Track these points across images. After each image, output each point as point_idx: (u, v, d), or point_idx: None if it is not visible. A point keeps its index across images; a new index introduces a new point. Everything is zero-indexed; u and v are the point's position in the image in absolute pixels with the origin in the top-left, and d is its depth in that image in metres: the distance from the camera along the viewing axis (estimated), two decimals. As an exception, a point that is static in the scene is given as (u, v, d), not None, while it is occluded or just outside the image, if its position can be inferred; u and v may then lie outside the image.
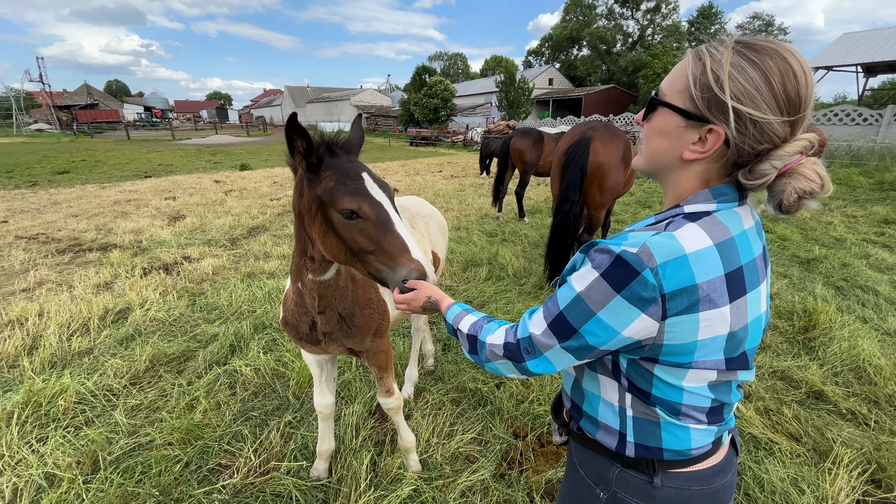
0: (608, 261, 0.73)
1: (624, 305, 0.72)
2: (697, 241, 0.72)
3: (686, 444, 0.83)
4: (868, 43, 19.83)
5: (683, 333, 0.73)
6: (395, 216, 1.21)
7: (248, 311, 3.88)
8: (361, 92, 57.35)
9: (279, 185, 11.66)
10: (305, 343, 1.74)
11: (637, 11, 44.48)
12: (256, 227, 7.08)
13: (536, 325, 0.84)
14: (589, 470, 0.94)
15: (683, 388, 0.80)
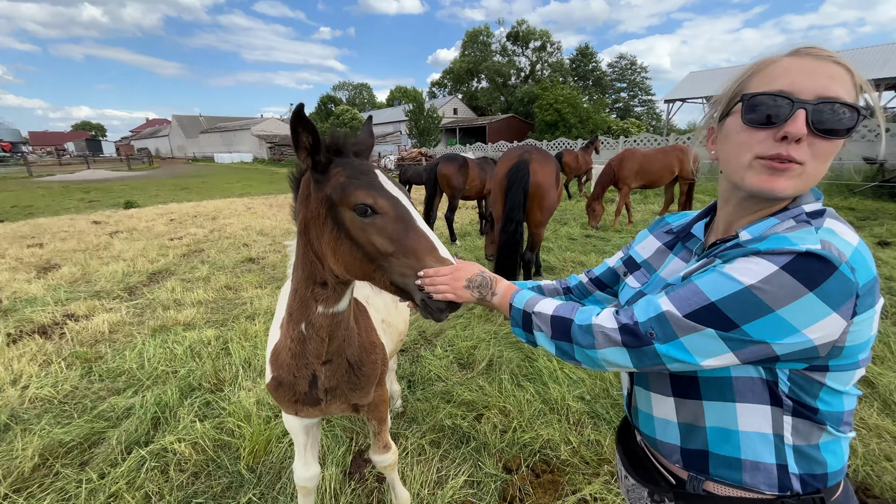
0: (789, 256, 0.65)
1: (814, 302, 0.63)
2: (851, 235, 0.68)
3: (842, 460, 0.76)
4: (709, 80, 24.19)
5: (863, 331, 0.68)
6: (416, 213, 1.09)
7: (168, 372, 3.26)
8: (263, 121, 54.56)
9: (178, 223, 10.38)
10: (302, 405, 1.45)
11: (527, 49, 49.27)
12: (159, 272, 6.14)
13: (664, 305, 0.73)
14: None
15: (845, 393, 0.73)
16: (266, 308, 4.53)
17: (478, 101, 50.86)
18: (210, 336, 3.80)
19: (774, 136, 0.71)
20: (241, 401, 2.76)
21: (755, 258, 0.68)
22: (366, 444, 2.50)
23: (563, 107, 32.46)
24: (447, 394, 2.93)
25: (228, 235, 8.67)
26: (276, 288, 5.31)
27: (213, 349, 3.58)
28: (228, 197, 16.27)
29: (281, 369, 1.42)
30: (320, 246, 1.14)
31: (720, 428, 0.78)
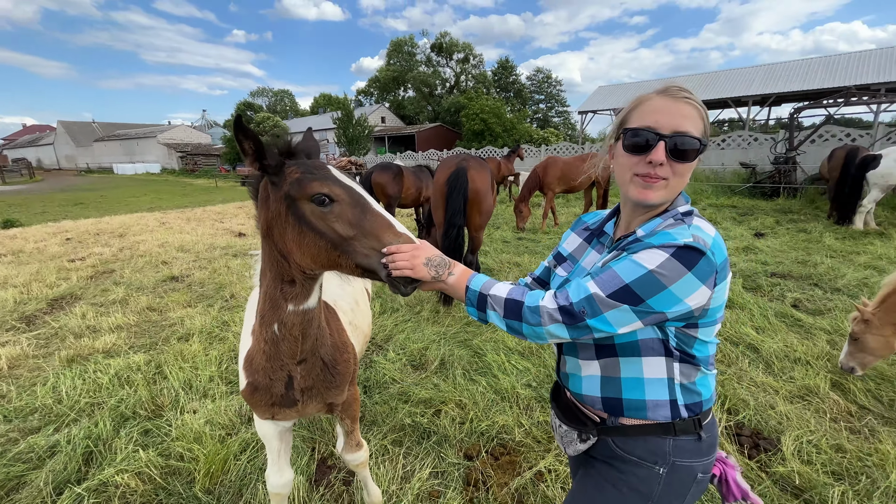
0: (678, 249, 0.89)
1: (691, 281, 0.88)
2: (710, 229, 0.97)
3: (710, 390, 1.05)
4: (615, 93, 26.75)
5: (720, 297, 0.96)
6: (370, 197, 1.17)
7: (94, 404, 2.96)
8: (171, 128, 50.02)
9: (77, 242, 9.23)
10: (279, 407, 1.46)
11: (451, 60, 50.71)
12: (62, 298, 5.46)
13: (591, 290, 0.93)
14: (642, 454, 1.03)
15: (710, 341, 1.02)
16: (200, 327, 4.26)
17: (405, 109, 51.20)
18: (139, 361, 3.50)
19: (645, 160, 0.98)
20: (188, 423, 2.61)
21: (653, 250, 0.91)
22: (328, 451, 2.50)
23: (489, 117, 33.86)
24: (404, 394, 3.01)
25: (143, 253, 7.90)
26: (208, 306, 4.99)
27: (145, 375, 3.31)
28: (136, 212, 14.75)
29: (256, 374, 1.43)
30: (285, 244, 1.19)
31: (632, 378, 1.04)
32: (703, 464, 1.03)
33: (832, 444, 2.38)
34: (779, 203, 10.68)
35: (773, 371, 3.18)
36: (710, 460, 1.04)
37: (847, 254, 6.21)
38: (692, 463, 1.02)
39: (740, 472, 1.10)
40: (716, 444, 1.07)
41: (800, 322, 3.96)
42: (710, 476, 1.06)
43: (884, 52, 19.71)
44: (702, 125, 0.97)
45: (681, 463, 1.01)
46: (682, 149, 0.96)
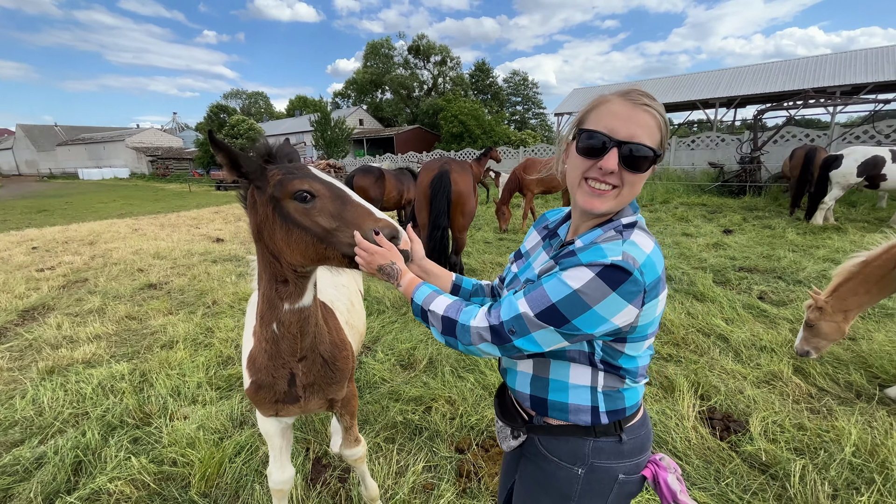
0: (603, 268, 0.87)
1: (616, 302, 0.88)
2: (648, 244, 0.93)
3: (636, 398, 1.07)
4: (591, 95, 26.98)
5: (650, 314, 0.96)
6: (349, 190, 1.23)
7: (78, 414, 2.92)
8: (140, 131, 48.39)
9: (45, 251, 8.89)
10: (283, 404, 1.52)
11: (428, 63, 50.85)
12: (33, 308, 5.29)
13: (521, 309, 0.94)
14: (563, 454, 1.06)
15: (639, 355, 1.03)
16: (184, 334, 4.21)
17: (383, 112, 51.05)
18: (122, 370, 3.45)
19: (596, 165, 0.95)
20: (180, 429, 2.61)
21: (581, 268, 0.89)
22: (322, 451, 2.55)
23: (468, 119, 34.11)
24: (394, 393, 3.08)
25: (117, 261, 7.69)
26: (190, 313, 4.93)
27: (130, 384, 3.27)
28: (105, 218, 14.25)
29: (259, 372, 1.48)
30: (275, 244, 1.25)
31: (558, 380, 1.06)
32: (626, 465, 1.04)
33: (794, 423, 2.58)
34: (745, 201, 11.19)
35: (742, 359, 3.39)
36: (634, 462, 1.05)
37: (808, 248, 6.60)
38: (612, 464, 1.03)
39: (676, 473, 1.06)
40: (643, 447, 1.08)
41: (765, 313, 4.21)
42: (638, 477, 1.07)
43: (839, 57, 20.88)
44: (658, 135, 0.94)
45: (599, 464, 1.03)
46: (635, 157, 0.93)
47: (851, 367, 3.16)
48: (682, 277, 5.40)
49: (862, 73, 18.42)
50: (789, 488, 2.10)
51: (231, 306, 5.07)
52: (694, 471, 2.27)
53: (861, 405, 2.76)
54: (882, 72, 17.90)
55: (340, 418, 1.82)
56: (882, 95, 17.56)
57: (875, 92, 18.46)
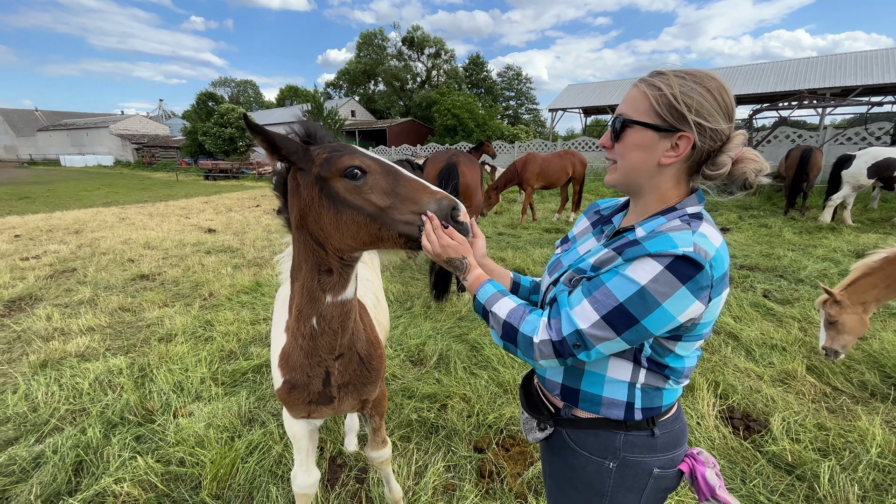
0: (672, 259, 0.83)
1: (686, 296, 0.83)
2: (717, 237, 0.88)
3: (674, 396, 1.04)
4: (585, 92, 27.39)
5: (713, 312, 0.91)
6: (398, 167, 1.16)
7: (75, 411, 2.77)
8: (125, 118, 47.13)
9: (28, 239, 8.57)
10: (316, 405, 1.42)
11: (422, 55, 50.32)
12: (20, 299, 5.07)
13: (584, 319, 0.87)
14: (593, 448, 1.02)
15: (687, 355, 0.98)
16: (182, 327, 4.06)
17: (376, 103, 50.41)
18: (120, 364, 3.31)
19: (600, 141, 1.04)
20: (186, 427, 2.50)
21: (647, 259, 0.84)
22: (336, 450, 2.46)
23: (461, 112, 33.89)
24: (407, 390, 3.00)
25: (105, 251, 7.44)
26: (186, 305, 4.77)
27: (129, 378, 3.13)
28: (90, 206, 13.83)
29: (294, 371, 1.38)
30: (321, 229, 1.16)
31: (595, 372, 1.01)
32: (660, 459, 1.01)
33: (815, 423, 2.57)
34: (740, 200, 11.30)
35: (754, 357, 3.38)
36: (669, 456, 1.01)
37: (805, 247, 6.66)
38: (644, 458, 1.00)
39: (714, 468, 1.03)
40: (677, 441, 1.04)
41: (772, 311, 4.22)
42: (674, 472, 1.03)
43: (828, 59, 21.18)
44: (647, 104, 0.91)
45: (631, 458, 1.00)
46: (615, 129, 0.96)
47: (864, 365, 3.17)
48: (685, 275, 5.39)
49: (852, 75, 18.70)
50: (818, 490, 2.08)
51: (229, 299, 4.92)
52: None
53: (876, 404, 2.77)
54: (871, 75, 18.19)
55: (370, 419, 1.74)
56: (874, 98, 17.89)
57: (864, 94, 18.78)
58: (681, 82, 0.88)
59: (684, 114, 0.87)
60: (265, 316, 4.37)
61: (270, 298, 4.84)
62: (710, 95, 0.87)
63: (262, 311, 4.48)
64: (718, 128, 0.88)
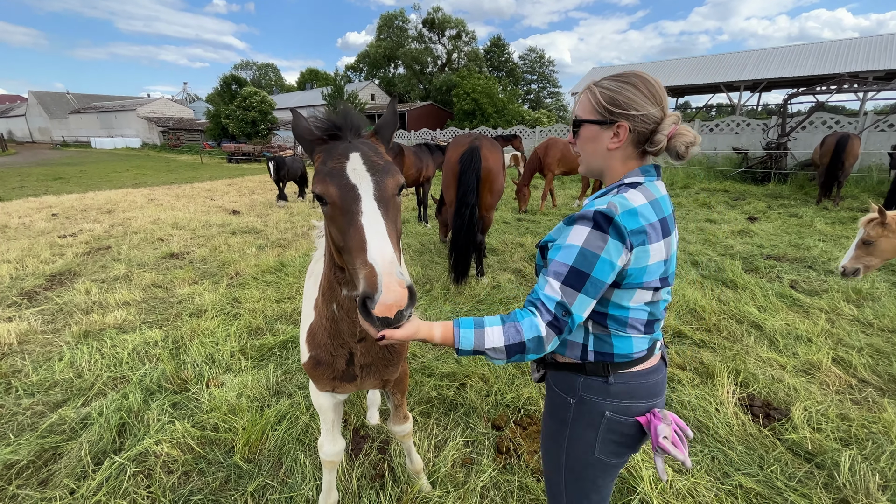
0: (592, 218, 1.02)
1: (614, 244, 1.00)
2: (638, 199, 1.05)
3: (629, 349, 1.13)
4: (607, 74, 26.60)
5: (639, 259, 1.04)
6: (369, 203, 1.02)
7: (117, 378, 2.96)
8: (151, 101, 48.12)
9: (64, 218, 8.96)
10: (339, 382, 1.49)
11: (443, 37, 49.51)
12: (60, 274, 5.35)
13: (553, 291, 1.02)
14: (561, 385, 1.21)
15: (630, 307, 1.10)
16: (211, 304, 4.24)
17: (396, 87, 50.05)
18: (156, 336, 3.49)
19: None
20: (219, 396, 2.64)
21: (577, 224, 1.04)
22: (360, 422, 2.57)
23: (480, 97, 33.39)
24: (427, 368, 3.08)
25: (136, 230, 7.74)
26: (214, 283, 4.95)
27: (164, 350, 3.30)
28: (120, 187, 14.31)
29: (319, 349, 1.45)
30: (328, 231, 1.17)
31: None
32: (613, 405, 1.14)
33: (838, 413, 2.54)
34: (769, 188, 10.92)
35: (778, 347, 3.33)
36: (622, 404, 1.14)
37: (837, 238, 6.43)
38: (598, 400, 1.15)
39: (672, 425, 1.11)
40: (635, 395, 1.15)
41: (798, 302, 4.13)
42: (630, 420, 1.15)
43: (872, 41, 19.97)
44: (590, 106, 1.12)
45: (587, 398, 1.16)
46: (574, 129, 1.19)
47: (893, 358, 3.09)
48: (708, 263, 5.30)
49: (898, 58, 17.62)
50: (837, 478, 2.07)
51: (254, 278, 5.09)
52: (737, 456, 2.25)
53: (904, 398, 2.71)
54: (920, 57, 17.11)
55: (392, 396, 1.81)
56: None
57: (910, 78, 17.70)
58: (612, 84, 1.09)
59: (615, 109, 1.08)
60: (289, 295, 4.51)
61: (294, 279, 4.98)
62: (637, 90, 1.07)
63: (286, 291, 4.62)
64: (648, 113, 1.07)
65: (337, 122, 1.15)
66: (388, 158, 1.17)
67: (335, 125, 1.14)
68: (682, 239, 6.60)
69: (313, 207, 10.26)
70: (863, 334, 3.48)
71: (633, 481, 2.07)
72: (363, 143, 1.15)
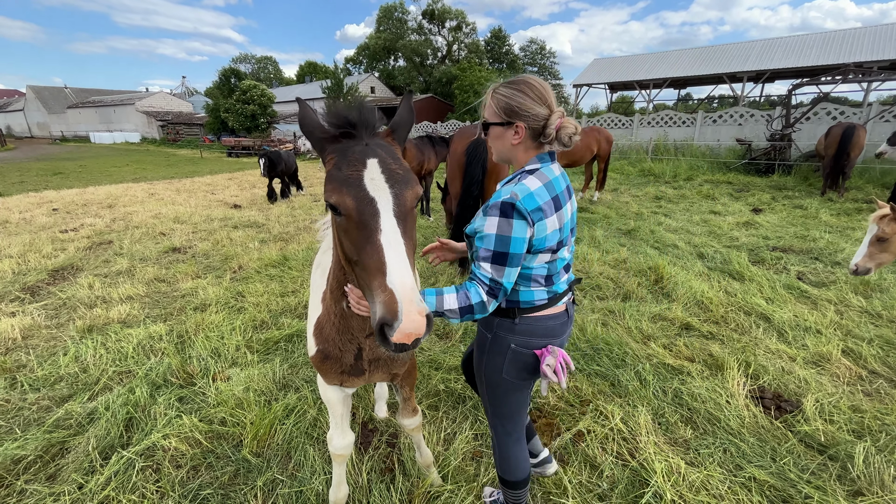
0: (499, 207, 1.25)
1: (519, 224, 1.24)
2: (534, 183, 1.29)
3: (531, 298, 1.40)
4: (611, 67, 26.38)
5: (541, 231, 1.29)
6: (388, 219, 0.99)
7: (122, 373, 2.94)
8: (150, 95, 47.83)
9: (65, 212, 8.93)
10: (348, 376, 1.47)
11: (443, 28, 49.00)
12: (62, 269, 5.32)
13: (485, 270, 1.27)
14: (483, 325, 1.52)
15: (533, 267, 1.36)
16: (215, 298, 4.21)
17: (395, 80, 49.65)
18: (160, 331, 3.47)
19: None
20: (226, 390, 2.62)
21: (489, 214, 1.27)
22: (367, 415, 2.55)
23: (483, 89, 33.15)
24: (434, 362, 3.06)
25: (138, 224, 7.71)
26: (217, 277, 4.93)
27: (168, 344, 3.28)
28: (120, 182, 14.25)
29: (326, 343, 1.43)
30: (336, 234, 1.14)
31: None
32: (517, 339, 1.42)
33: (850, 405, 2.52)
34: (773, 180, 10.85)
35: (787, 339, 3.31)
36: (524, 339, 1.41)
37: (843, 229, 6.39)
38: (506, 336, 1.43)
39: (558, 358, 1.37)
40: (535, 334, 1.42)
41: (806, 294, 4.10)
42: (530, 353, 1.42)
43: (877, 30, 19.73)
44: (493, 110, 1.35)
45: (499, 333, 1.45)
46: (484, 129, 1.40)
47: (903, 350, 3.07)
48: (714, 256, 5.27)
49: (903, 47, 17.41)
50: (851, 469, 2.06)
51: (258, 272, 5.06)
52: (749, 449, 2.23)
53: (915, 389, 2.69)
54: (925, 46, 16.91)
55: (400, 389, 1.79)
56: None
57: (916, 68, 17.50)
58: (507, 91, 1.32)
59: (512, 113, 1.31)
60: (293, 289, 4.48)
61: (298, 272, 4.96)
62: (527, 95, 1.30)
63: (290, 284, 4.60)
64: (537, 113, 1.30)
65: (351, 118, 1.06)
66: (406, 165, 1.11)
67: (349, 121, 1.06)
68: (687, 231, 6.56)
69: (314, 201, 10.20)
70: (872, 326, 3.45)
71: (647, 474, 2.05)
72: (380, 145, 1.08)
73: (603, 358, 3.06)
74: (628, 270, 4.83)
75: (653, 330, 3.49)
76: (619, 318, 3.69)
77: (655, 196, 9.64)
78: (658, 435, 2.34)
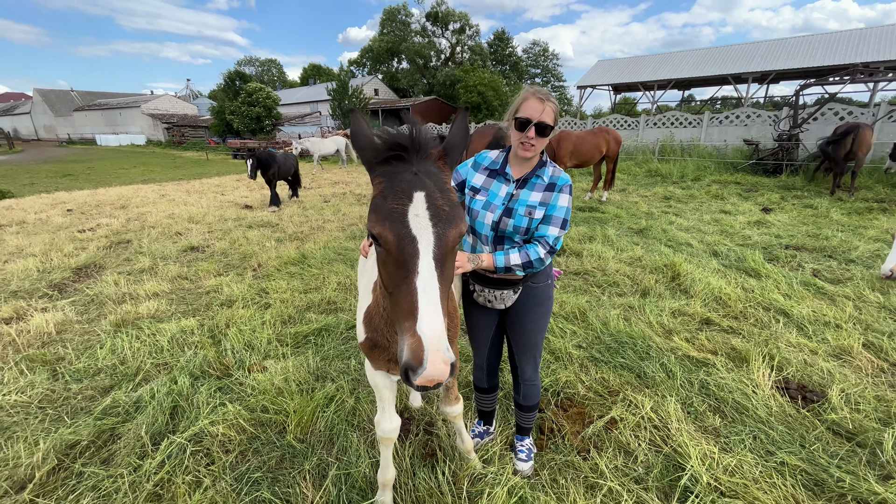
0: (570, 187, 1.73)
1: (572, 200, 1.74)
2: None
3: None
4: (615, 68, 26.45)
5: None
6: (426, 262, 0.97)
7: (160, 364, 3.02)
8: (155, 98, 48.13)
9: (80, 213, 9.04)
10: (395, 364, 1.53)
11: (446, 31, 49.23)
12: (86, 266, 5.42)
13: (556, 232, 1.68)
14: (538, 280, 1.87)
15: None
16: (240, 294, 4.29)
17: (399, 82, 49.89)
18: (192, 325, 3.55)
19: (525, 134, 1.62)
20: (266, 380, 2.70)
21: (565, 191, 1.70)
22: (402, 405, 2.62)
23: (486, 90, 33.29)
24: (463, 354, 3.12)
25: (153, 224, 7.81)
26: (238, 275, 5.01)
27: (201, 337, 3.36)
28: (129, 183, 14.39)
29: (375, 332, 1.49)
30: None
31: None
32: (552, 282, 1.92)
33: (874, 395, 2.58)
34: (781, 180, 10.89)
35: (807, 333, 3.36)
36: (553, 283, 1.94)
37: (855, 228, 6.43)
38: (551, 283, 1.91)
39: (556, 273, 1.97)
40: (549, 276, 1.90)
41: (822, 290, 4.15)
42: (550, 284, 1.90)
43: (882, 30, 19.77)
44: (552, 115, 1.61)
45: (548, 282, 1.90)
46: (541, 129, 1.61)
47: (924, 343, 3.12)
48: (728, 253, 5.32)
49: (909, 47, 17.44)
50: (881, 455, 2.12)
51: (278, 269, 5.14)
52: (778, 436, 2.29)
53: (937, 381, 2.74)
54: (931, 47, 16.93)
55: None
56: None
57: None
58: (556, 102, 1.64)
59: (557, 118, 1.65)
60: (315, 286, 4.56)
61: (318, 270, 5.03)
62: None
63: (311, 282, 4.67)
64: None
65: (404, 142, 1.06)
66: (454, 198, 1.08)
67: (401, 145, 1.06)
68: (699, 230, 6.62)
69: (325, 202, 10.29)
70: (891, 320, 3.51)
71: (682, 460, 2.12)
72: (429, 174, 1.06)
73: (627, 351, 3.12)
74: (644, 268, 4.88)
75: (674, 324, 3.55)
76: (640, 314, 3.75)
77: (664, 196, 9.69)
78: (688, 423, 2.40)
